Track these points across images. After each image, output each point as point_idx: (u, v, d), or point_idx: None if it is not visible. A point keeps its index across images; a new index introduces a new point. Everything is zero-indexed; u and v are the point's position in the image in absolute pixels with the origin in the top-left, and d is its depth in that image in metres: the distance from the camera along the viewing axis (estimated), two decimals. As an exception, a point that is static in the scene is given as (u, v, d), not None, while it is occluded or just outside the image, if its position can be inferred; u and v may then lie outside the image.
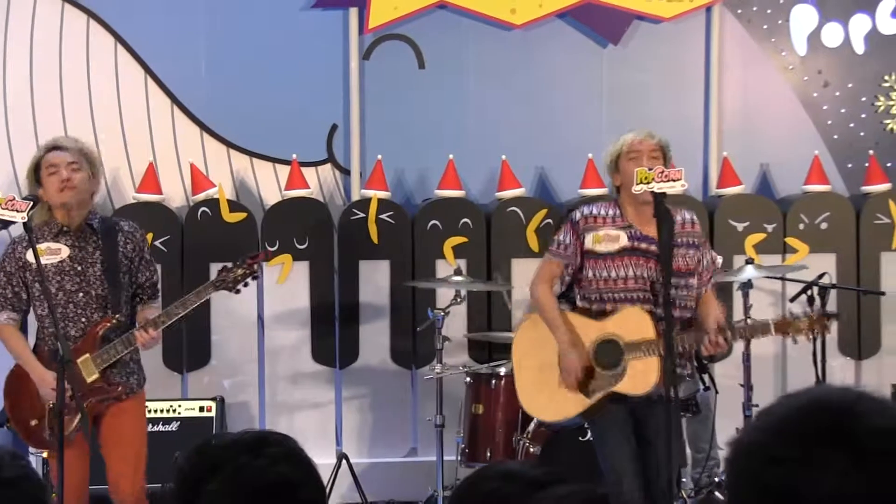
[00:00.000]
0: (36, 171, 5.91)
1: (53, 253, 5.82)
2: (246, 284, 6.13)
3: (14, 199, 5.55)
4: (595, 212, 5.93)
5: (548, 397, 6.05)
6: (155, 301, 6.14)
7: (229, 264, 6.12)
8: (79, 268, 5.87)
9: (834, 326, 6.96)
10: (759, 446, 1.74)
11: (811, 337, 6.06)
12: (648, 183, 5.58)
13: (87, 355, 5.78)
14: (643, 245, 5.85)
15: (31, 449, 6.16)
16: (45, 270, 5.69)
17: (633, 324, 5.80)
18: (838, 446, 1.66)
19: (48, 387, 5.63)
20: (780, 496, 1.68)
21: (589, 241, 5.87)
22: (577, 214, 5.97)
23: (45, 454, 6.04)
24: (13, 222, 5.60)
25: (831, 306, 7.06)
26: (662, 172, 5.60)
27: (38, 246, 5.68)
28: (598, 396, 5.85)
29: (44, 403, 5.81)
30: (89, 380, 5.78)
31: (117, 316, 5.88)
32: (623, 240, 5.85)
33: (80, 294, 5.85)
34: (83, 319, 5.85)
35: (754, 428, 1.77)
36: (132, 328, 5.86)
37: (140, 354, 6.01)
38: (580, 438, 6.13)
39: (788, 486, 1.67)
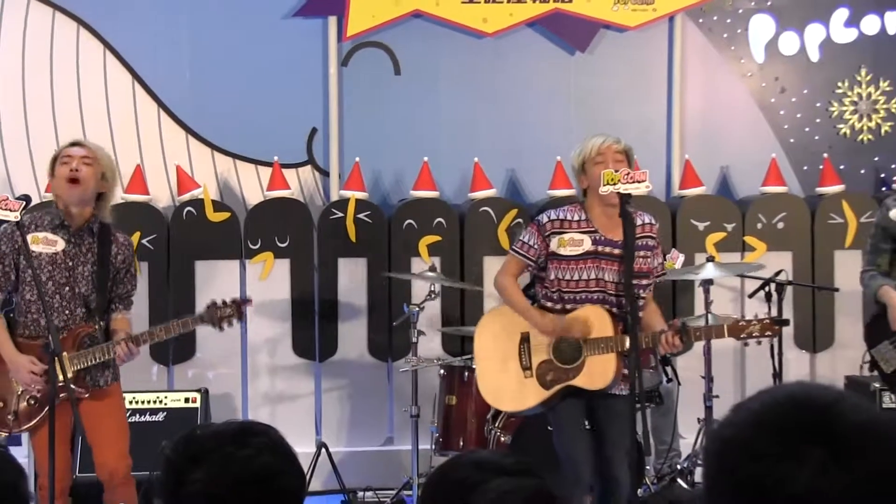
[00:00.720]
0: (53, 162, 5.89)
1: (49, 243, 5.82)
2: (230, 324, 6.14)
3: (7, 198, 5.57)
4: (562, 216, 5.91)
5: (508, 388, 6.07)
6: (128, 312, 6.11)
7: (218, 301, 6.11)
8: (70, 263, 5.84)
9: (789, 315, 6.99)
10: (737, 441, 1.69)
11: (760, 341, 6.06)
12: (615, 184, 5.59)
13: (65, 353, 5.69)
14: (606, 249, 5.86)
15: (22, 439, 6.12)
16: (38, 258, 5.73)
17: (593, 321, 5.81)
18: (817, 442, 1.63)
19: (24, 370, 5.64)
20: (758, 491, 1.64)
21: (554, 244, 5.87)
22: (545, 218, 5.96)
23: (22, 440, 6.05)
24: (6, 221, 5.60)
25: (787, 302, 7.06)
26: (628, 174, 5.61)
27: (35, 234, 5.77)
28: (555, 389, 5.87)
29: (10, 386, 5.80)
30: (60, 377, 5.65)
31: (100, 323, 5.88)
32: (587, 244, 5.86)
33: (67, 288, 5.83)
34: (66, 312, 5.82)
35: (732, 423, 1.73)
36: (106, 335, 5.88)
37: None
38: (548, 428, 6.10)
39: (766, 481, 1.63)
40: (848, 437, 1.63)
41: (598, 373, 5.77)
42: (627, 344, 5.62)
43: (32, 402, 5.47)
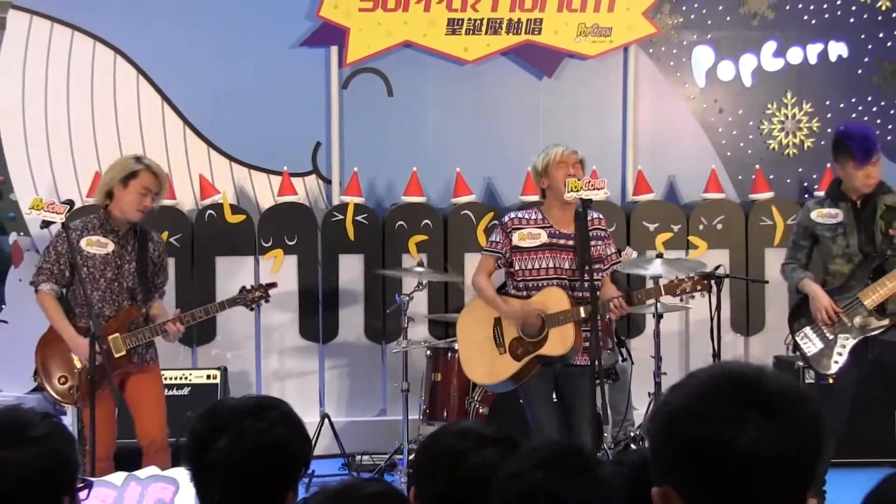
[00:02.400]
0: (129, 176, 5.85)
1: (101, 245, 5.87)
2: (260, 305, 6.34)
3: (54, 202, 5.59)
4: (521, 216, 6.04)
5: (484, 365, 6.13)
6: (161, 299, 6.18)
7: (248, 286, 6.27)
8: (118, 262, 5.89)
9: (726, 303, 7.00)
10: (685, 410, 1.72)
11: (693, 294, 6.10)
12: (578, 191, 5.64)
13: (118, 334, 5.82)
14: (561, 241, 5.94)
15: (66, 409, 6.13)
16: (93, 258, 5.80)
17: (552, 299, 5.88)
18: (751, 405, 1.67)
19: (83, 351, 5.61)
20: (710, 448, 1.68)
21: (515, 239, 5.96)
22: (506, 218, 6.10)
23: (73, 409, 6.07)
24: (53, 222, 5.60)
25: (725, 293, 7.06)
26: (589, 182, 5.68)
27: (89, 237, 5.82)
28: (525, 360, 5.93)
29: (72, 364, 5.82)
30: (116, 355, 5.81)
31: (144, 308, 5.96)
32: (543, 237, 5.95)
33: (116, 283, 5.89)
34: (116, 304, 5.88)
35: (676, 396, 1.75)
36: (146, 319, 5.97)
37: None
38: (520, 401, 6.13)
39: (716, 438, 1.67)
40: (774, 401, 1.68)
41: (559, 340, 5.84)
42: (583, 313, 5.74)
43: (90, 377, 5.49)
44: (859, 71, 8.78)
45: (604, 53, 8.50)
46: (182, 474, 4.42)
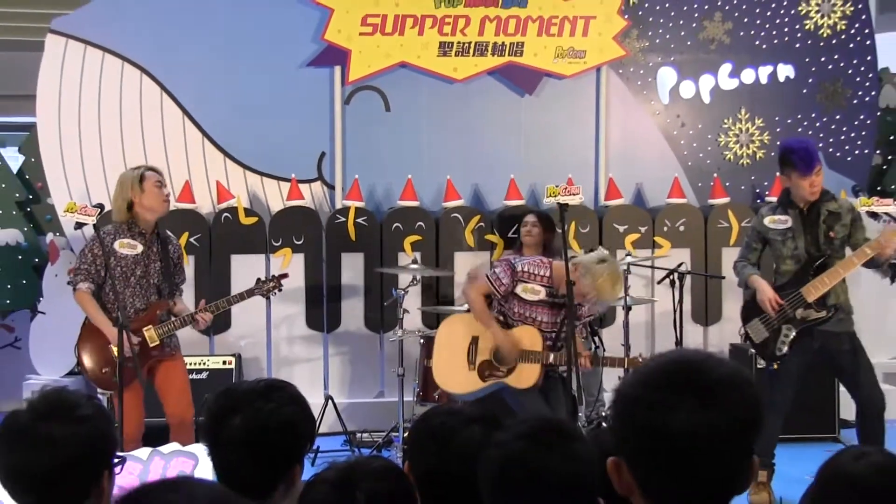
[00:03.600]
0: (140, 180, 5.88)
1: (132, 247, 5.90)
2: (274, 294, 6.35)
3: (86, 206, 5.58)
4: (531, 270, 6.04)
5: (452, 373, 6.20)
6: (181, 296, 6.20)
7: (262, 278, 6.32)
8: (146, 261, 5.93)
9: (687, 297, 7.02)
10: (634, 395, 1.75)
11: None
12: (555, 196, 5.63)
13: (151, 327, 5.88)
14: (555, 300, 5.99)
15: (98, 391, 6.13)
16: (126, 259, 5.84)
17: (528, 338, 5.95)
18: (689, 393, 1.69)
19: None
20: (652, 431, 1.70)
21: (519, 289, 6.01)
22: (519, 266, 6.07)
23: (107, 395, 6.09)
24: (86, 224, 5.62)
25: (686, 287, 7.09)
26: (566, 189, 5.65)
27: (122, 240, 5.85)
28: (489, 382, 6.04)
29: (110, 355, 5.83)
30: (152, 344, 5.88)
31: (170, 302, 6.00)
32: (542, 294, 5.99)
33: (145, 280, 5.93)
34: (145, 298, 5.94)
35: (630, 382, 1.78)
36: (168, 312, 6.01)
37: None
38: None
39: (656, 423, 1.69)
40: (712, 388, 1.70)
41: (524, 377, 5.94)
42: (550, 358, 5.88)
43: (130, 365, 5.51)
44: (804, 90, 8.81)
45: (579, 73, 8.51)
46: (201, 449, 4.45)
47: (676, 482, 1.70)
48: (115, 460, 2.44)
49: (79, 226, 5.72)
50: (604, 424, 7.23)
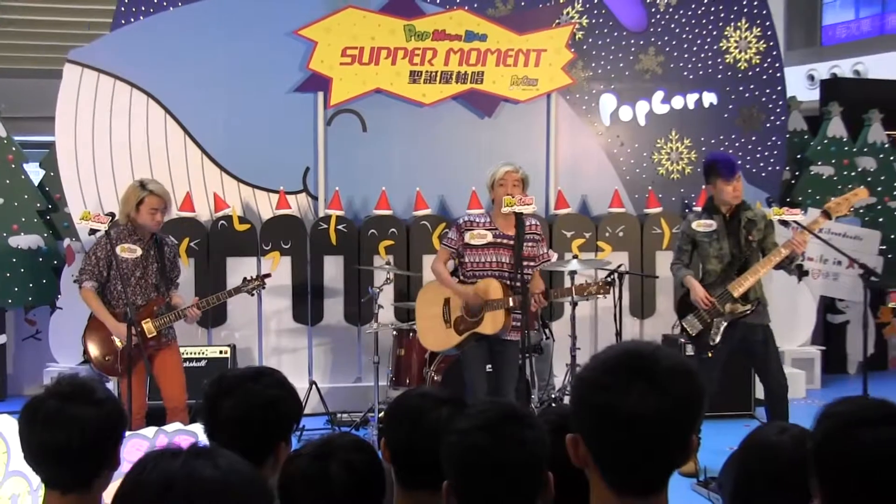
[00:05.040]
0: (139, 203, 5.84)
1: (132, 251, 5.87)
2: (258, 291, 6.44)
3: (99, 214, 5.61)
4: (473, 219, 6.12)
5: (435, 335, 6.21)
6: (177, 290, 6.16)
7: (248, 277, 6.29)
8: (144, 264, 5.91)
9: (626, 294, 7.07)
10: (591, 379, 1.75)
11: (597, 296, 6.25)
12: (511, 206, 5.71)
13: (149, 320, 5.86)
14: (503, 241, 6.01)
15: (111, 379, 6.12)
16: (125, 261, 5.81)
17: (490, 288, 5.95)
18: (640, 377, 1.68)
19: (123, 333, 5.65)
20: (606, 412, 1.70)
21: (467, 237, 6.03)
22: (461, 220, 6.19)
23: (112, 380, 6.13)
24: (99, 230, 5.61)
25: (625, 285, 7.10)
26: (521, 199, 5.74)
27: (123, 245, 5.81)
28: (466, 335, 6.03)
29: (113, 345, 5.84)
30: (150, 335, 5.86)
31: (166, 299, 5.97)
32: (489, 237, 6.01)
33: (143, 280, 5.91)
34: (146, 295, 5.91)
35: (588, 367, 1.78)
36: (167, 306, 5.99)
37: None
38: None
39: (610, 404, 1.69)
40: (661, 375, 1.69)
41: (492, 322, 5.93)
42: (511, 302, 5.85)
43: (135, 353, 5.50)
44: (725, 115, 8.89)
45: (532, 99, 8.53)
46: (199, 429, 4.42)
47: (626, 456, 1.70)
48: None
49: (92, 232, 5.74)
50: (553, 405, 7.25)
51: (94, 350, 5.92)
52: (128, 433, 4.34)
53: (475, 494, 2.05)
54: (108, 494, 2.45)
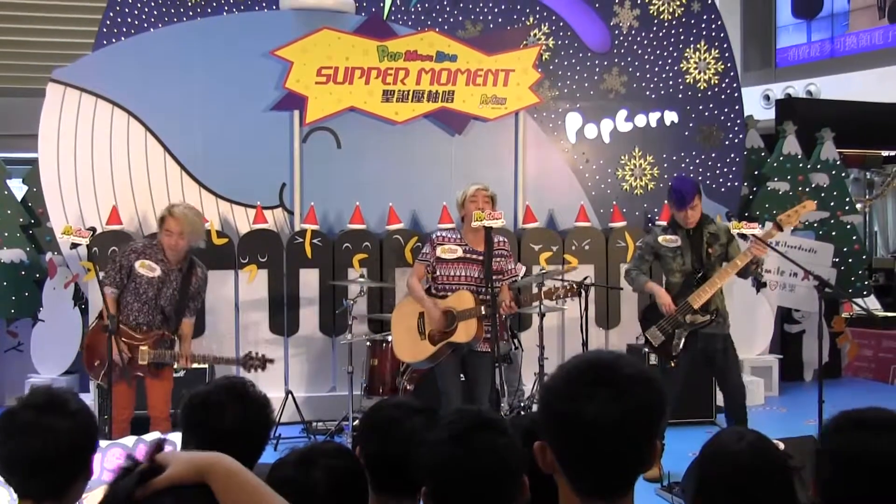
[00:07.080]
0: (162, 221, 5.83)
1: (150, 269, 5.80)
2: (256, 371, 6.10)
3: (80, 229, 5.52)
4: (444, 235, 6.18)
5: (409, 348, 6.20)
6: (192, 318, 6.05)
7: (253, 353, 6.22)
8: (160, 286, 5.83)
9: (592, 305, 7.08)
10: (556, 388, 1.74)
11: (565, 298, 6.29)
12: (481, 220, 5.73)
13: (147, 347, 5.80)
14: (473, 256, 6.06)
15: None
16: (140, 277, 5.75)
17: (462, 300, 6.00)
18: (602, 385, 1.68)
19: (116, 357, 5.65)
20: (570, 419, 1.69)
21: (439, 251, 6.07)
22: (434, 235, 6.24)
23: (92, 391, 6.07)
24: (80, 244, 5.54)
25: (591, 297, 7.09)
26: (490, 214, 5.77)
27: (143, 260, 5.75)
28: (440, 345, 6.03)
29: (105, 352, 5.77)
30: (140, 362, 5.81)
31: (172, 334, 5.90)
32: (459, 252, 6.07)
33: (154, 302, 5.83)
34: (150, 317, 5.84)
35: (553, 377, 1.77)
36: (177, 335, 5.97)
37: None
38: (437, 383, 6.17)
39: (574, 412, 1.68)
40: (623, 382, 1.69)
41: (464, 331, 5.96)
42: (483, 311, 5.88)
43: (118, 366, 5.50)
44: (686, 133, 8.96)
45: (500, 117, 8.56)
46: (178, 437, 4.38)
47: (591, 462, 1.69)
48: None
49: (73, 246, 5.66)
50: (522, 413, 7.24)
51: (86, 352, 5.95)
52: (108, 442, 4.31)
53: (451, 502, 2.04)
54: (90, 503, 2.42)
